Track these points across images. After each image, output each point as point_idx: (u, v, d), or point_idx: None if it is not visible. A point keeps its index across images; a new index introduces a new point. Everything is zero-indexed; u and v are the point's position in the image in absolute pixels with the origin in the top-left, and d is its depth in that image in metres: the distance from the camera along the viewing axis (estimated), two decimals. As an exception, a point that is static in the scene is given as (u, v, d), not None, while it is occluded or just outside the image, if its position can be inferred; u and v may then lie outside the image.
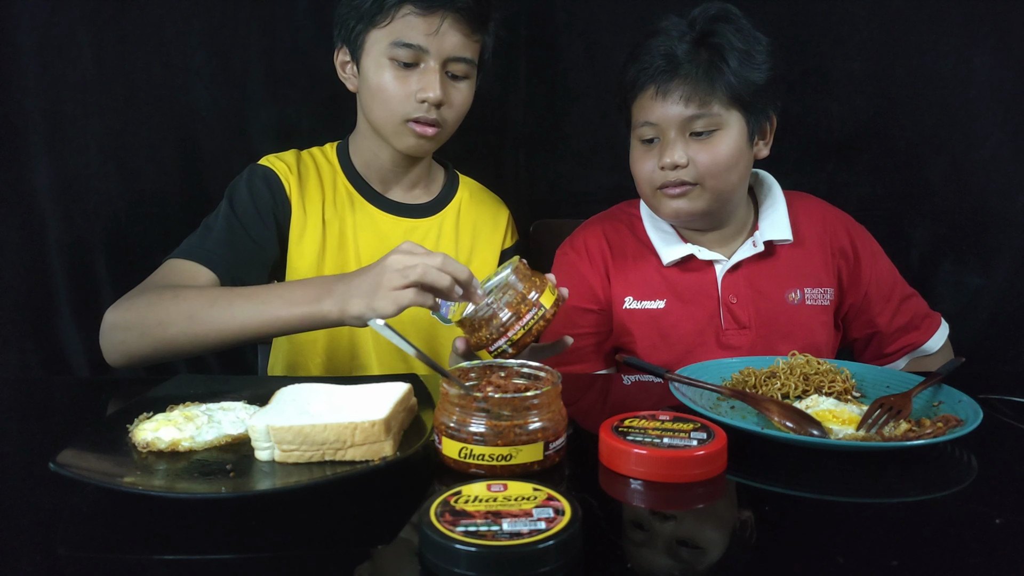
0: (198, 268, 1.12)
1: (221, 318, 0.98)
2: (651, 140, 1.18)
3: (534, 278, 0.92)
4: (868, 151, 1.67)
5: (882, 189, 1.67)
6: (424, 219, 1.31)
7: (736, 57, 1.12)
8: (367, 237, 1.27)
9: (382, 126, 1.21)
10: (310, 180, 1.27)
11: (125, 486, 0.65)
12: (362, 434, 0.70)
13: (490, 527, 0.55)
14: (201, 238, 1.17)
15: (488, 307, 0.89)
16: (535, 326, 0.89)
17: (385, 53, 1.16)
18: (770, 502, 0.70)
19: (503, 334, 0.89)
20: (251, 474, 0.69)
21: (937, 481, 0.73)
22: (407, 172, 1.30)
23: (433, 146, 1.25)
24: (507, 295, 0.89)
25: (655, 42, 1.15)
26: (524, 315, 0.89)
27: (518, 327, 0.89)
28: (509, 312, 0.89)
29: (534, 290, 0.90)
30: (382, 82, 1.17)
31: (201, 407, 0.80)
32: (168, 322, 1.00)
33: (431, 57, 1.15)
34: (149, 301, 1.02)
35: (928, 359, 1.28)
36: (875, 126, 1.65)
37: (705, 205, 1.17)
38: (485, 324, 0.90)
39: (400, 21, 1.14)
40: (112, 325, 1.03)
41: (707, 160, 1.14)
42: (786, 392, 0.94)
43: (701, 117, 1.13)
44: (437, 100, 1.15)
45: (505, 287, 0.90)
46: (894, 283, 1.29)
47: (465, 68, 1.19)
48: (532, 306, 0.89)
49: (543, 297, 0.90)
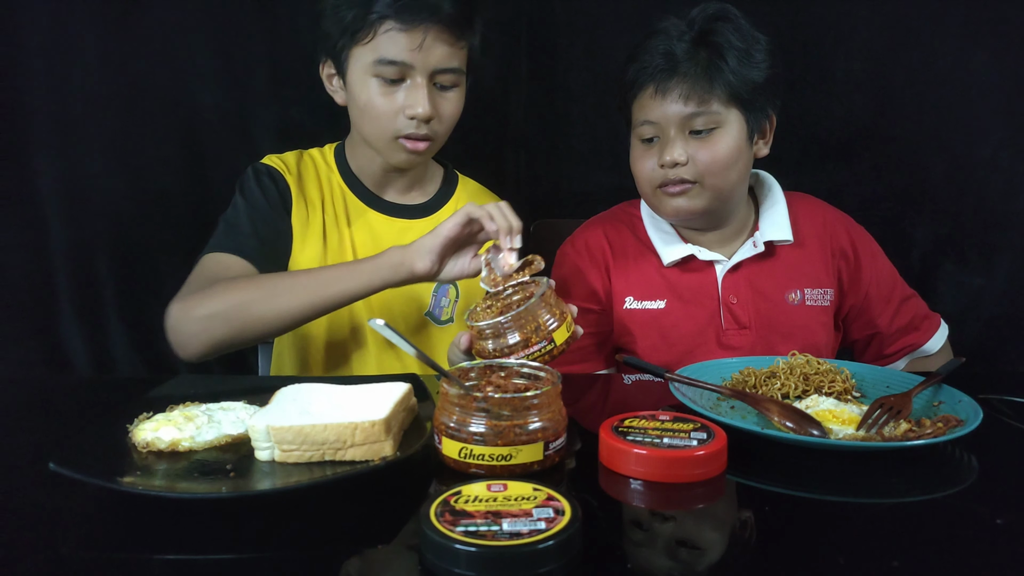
0: (234, 259, 1.14)
1: (301, 285, 1.06)
2: (651, 139, 1.18)
3: (556, 309, 0.91)
4: (869, 151, 1.67)
5: (883, 189, 1.67)
6: (419, 219, 1.31)
7: (735, 56, 1.12)
8: (362, 238, 1.28)
9: (373, 142, 1.21)
10: (310, 180, 1.28)
11: (125, 486, 0.65)
12: (362, 434, 0.70)
13: (490, 527, 0.55)
14: (226, 233, 1.18)
15: (500, 325, 0.88)
16: (540, 358, 0.89)
17: (369, 71, 1.14)
18: (770, 502, 0.70)
19: (506, 355, 0.89)
20: (251, 474, 0.69)
21: (937, 481, 0.73)
22: (402, 176, 1.30)
23: (425, 158, 1.25)
24: (524, 319, 0.88)
25: (654, 42, 1.16)
26: (532, 345, 0.88)
27: (523, 354, 0.89)
28: (519, 337, 0.88)
29: (553, 321, 0.89)
30: (369, 100, 1.16)
31: (201, 407, 0.80)
32: (250, 302, 1.06)
33: (417, 72, 1.14)
34: (225, 288, 1.07)
35: (928, 360, 1.28)
36: (876, 126, 1.65)
37: (705, 203, 1.17)
38: (492, 337, 0.89)
39: (383, 37, 1.12)
40: (189, 317, 1.06)
41: (707, 158, 1.14)
42: (786, 392, 0.94)
43: (700, 115, 1.13)
44: (426, 116, 1.15)
45: (526, 311, 0.88)
46: (894, 284, 1.29)
47: (453, 78, 1.18)
48: (543, 339, 0.88)
49: (557, 333, 0.89)
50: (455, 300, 1.30)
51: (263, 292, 1.07)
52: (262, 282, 1.10)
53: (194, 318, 1.06)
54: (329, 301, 1.06)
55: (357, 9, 1.13)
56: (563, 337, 0.90)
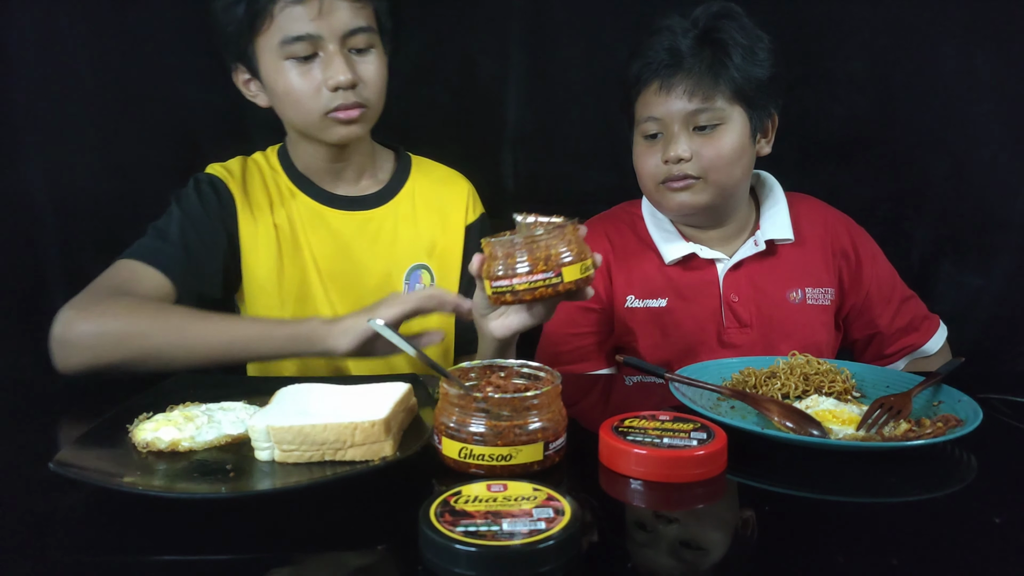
0: (150, 272, 1.09)
1: (211, 333, 0.98)
2: (655, 135, 1.18)
3: (575, 246, 0.85)
4: (869, 152, 1.66)
5: (883, 190, 1.67)
6: (376, 209, 1.26)
7: (739, 53, 1.13)
8: (319, 236, 1.23)
9: (305, 127, 1.15)
10: (255, 186, 1.23)
11: (125, 486, 0.65)
12: (362, 434, 0.70)
13: (490, 527, 0.55)
14: (154, 240, 1.14)
15: (512, 244, 0.84)
16: (542, 289, 0.83)
17: (279, 56, 1.10)
18: (770, 502, 0.70)
19: (509, 277, 0.84)
20: (251, 474, 0.69)
21: (937, 481, 0.73)
22: (349, 164, 1.24)
23: (364, 128, 1.17)
24: (536, 244, 0.84)
25: (658, 39, 1.16)
26: (536, 272, 0.83)
27: (525, 280, 0.83)
28: (527, 263, 0.84)
29: (568, 256, 0.84)
30: (287, 84, 1.11)
31: (201, 407, 0.80)
32: (151, 333, 0.98)
33: (327, 41, 1.09)
34: (128, 309, 1.00)
35: (927, 361, 1.29)
36: (876, 126, 1.65)
37: (708, 199, 1.17)
38: (501, 257, 0.85)
39: (281, 17, 1.08)
40: (79, 329, 0.98)
41: (711, 154, 1.14)
42: (786, 392, 0.94)
43: (704, 111, 1.13)
44: (349, 82, 1.09)
45: (541, 236, 0.84)
46: (894, 284, 1.29)
47: (367, 38, 1.12)
48: (551, 269, 0.83)
49: (568, 269, 0.84)
50: (431, 285, 1.26)
51: (168, 327, 0.99)
52: (170, 315, 1.01)
53: (84, 331, 0.98)
54: (234, 358, 1.00)
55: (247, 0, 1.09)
56: (573, 275, 0.84)
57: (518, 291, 0.84)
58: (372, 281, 1.23)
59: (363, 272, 1.24)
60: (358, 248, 1.24)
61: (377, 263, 1.24)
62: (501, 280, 0.85)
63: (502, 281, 0.85)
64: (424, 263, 1.26)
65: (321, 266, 1.22)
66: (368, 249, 1.24)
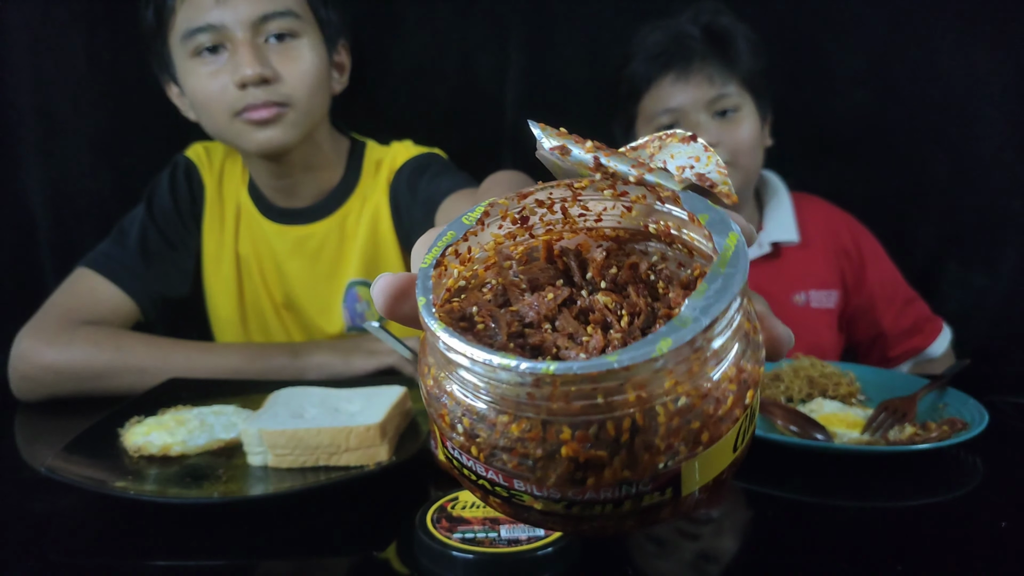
0: (110, 290, 1.04)
1: (170, 371, 0.95)
2: (669, 128, 1.18)
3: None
4: (871, 149, 1.65)
5: (886, 188, 1.66)
6: (314, 224, 1.12)
7: (744, 43, 1.16)
8: (271, 266, 1.14)
9: (219, 133, 1.03)
10: (229, 183, 1.16)
11: (117, 491, 0.64)
12: (357, 438, 0.69)
13: (488, 534, 0.54)
14: (113, 246, 1.09)
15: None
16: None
17: (186, 52, 0.98)
18: (774, 506, 0.69)
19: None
20: (244, 479, 0.68)
21: (942, 485, 0.72)
22: (297, 181, 1.10)
23: (287, 134, 1.00)
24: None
25: (662, 34, 1.17)
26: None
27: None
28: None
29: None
30: (194, 85, 0.98)
31: (193, 411, 0.79)
32: (109, 374, 0.95)
33: (233, 30, 0.96)
34: (87, 344, 0.96)
35: (932, 364, 1.28)
36: (878, 124, 1.64)
37: (737, 185, 1.17)
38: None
39: (183, 7, 0.97)
40: (39, 363, 0.95)
41: (737, 137, 1.15)
42: (790, 395, 0.93)
43: (725, 96, 1.15)
44: (257, 77, 0.95)
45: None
46: (897, 285, 1.29)
47: (287, 23, 0.98)
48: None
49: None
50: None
51: (127, 366, 0.95)
52: (129, 354, 0.96)
53: (44, 366, 0.95)
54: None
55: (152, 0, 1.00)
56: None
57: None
58: (307, 321, 1.15)
59: (303, 294, 1.15)
60: (295, 268, 1.15)
61: (316, 285, 1.15)
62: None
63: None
64: (363, 278, 1.15)
65: (273, 291, 1.16)
66: (307, 269, 1.15)
